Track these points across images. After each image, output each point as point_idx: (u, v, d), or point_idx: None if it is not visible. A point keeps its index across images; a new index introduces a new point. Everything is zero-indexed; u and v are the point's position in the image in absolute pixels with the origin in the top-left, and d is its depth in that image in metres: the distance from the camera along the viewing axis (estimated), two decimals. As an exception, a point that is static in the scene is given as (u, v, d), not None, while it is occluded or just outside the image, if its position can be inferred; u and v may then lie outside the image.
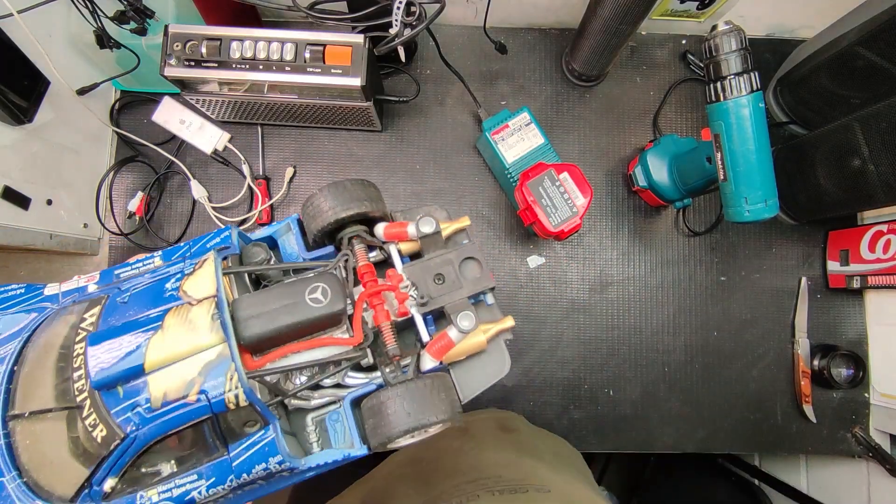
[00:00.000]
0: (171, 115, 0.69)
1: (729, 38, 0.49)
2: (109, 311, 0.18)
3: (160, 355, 0.17)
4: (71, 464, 0.17)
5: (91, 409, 0.16)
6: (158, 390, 0.17)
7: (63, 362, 0.17)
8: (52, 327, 0.18)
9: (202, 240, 0.21)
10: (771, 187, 0.52)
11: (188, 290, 0.18)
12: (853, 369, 0.70)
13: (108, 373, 0.16)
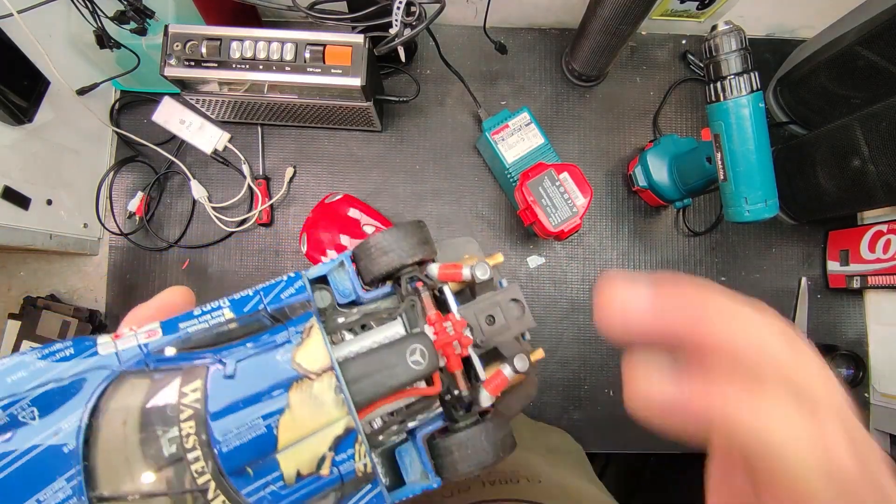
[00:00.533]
0: (171, 115, 0.69)
1: (729, 38, 0.49)
2: (216, 387, 0.17)
3: (291, 435, 0.17)
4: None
5: (218, 492, 0.16)
6: (291, 468, 0.17)
7: (157, 439, 0.16)
8: (126, 397, 0.17)
9: (274, 289, 0.20)
10: (771, 187, 0.52)
11: (302, 362, 0.18)
12: (853, 369, 0.70)
13: (241, 458, 0.16)
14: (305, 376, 0.18)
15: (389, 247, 0.21)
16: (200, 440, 0.16)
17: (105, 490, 0.16)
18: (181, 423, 0.17)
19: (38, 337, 0.67)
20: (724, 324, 0.16)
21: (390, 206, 0.73)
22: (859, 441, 0.16)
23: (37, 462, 0.16)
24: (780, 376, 0.16)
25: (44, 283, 0.71)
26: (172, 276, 0.72)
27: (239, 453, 0.17)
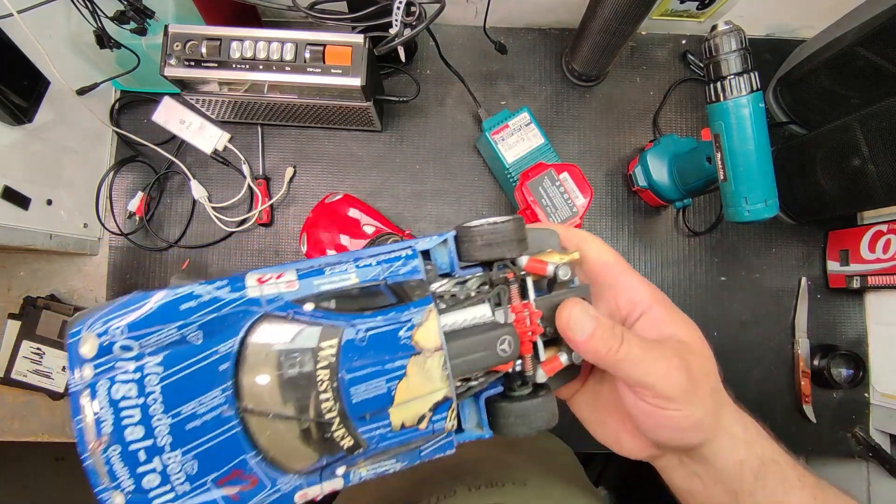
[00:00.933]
0: (171, 115, 0.69)
1: (729, 38, 0.49)
2: (349, 348, 0.22)
3: (404, 396, 0.22)
4: (304, 450, 0.21)
5: (340, 426, 0.21)
6: (398, 420, 0.22)
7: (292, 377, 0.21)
8: (269, 334, 0.21)
9: (394, 264, 0.24)
10: (771, 187, 0.52)
11: (419, 341, 0.22)
12: (853, 369, 0.70)
13: (365, 408, 0.21)
14: (422, 352, 0.22)
15: (495, 241, 0.25)
16: (332, 387, 0.21)
17: (249, 404, 0.21)
18: (318, 370, 0.21)
19: (38, 337, 0.67)
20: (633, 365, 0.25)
21: (390, 206, 0.73)
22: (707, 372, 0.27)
23: (200, 373, 0.20)
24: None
25: (44, 283, 0.71)
26: (172, 277, 0.72)
27: (362, 405, 0.22)
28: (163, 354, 0.20)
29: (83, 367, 0.19)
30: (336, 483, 0.23)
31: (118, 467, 0.19)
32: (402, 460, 0.24)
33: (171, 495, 0.20)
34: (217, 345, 0.21)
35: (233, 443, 0.21)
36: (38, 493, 1.52)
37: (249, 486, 0.21)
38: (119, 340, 0.19)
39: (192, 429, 0.20)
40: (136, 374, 0.19)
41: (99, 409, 0.19)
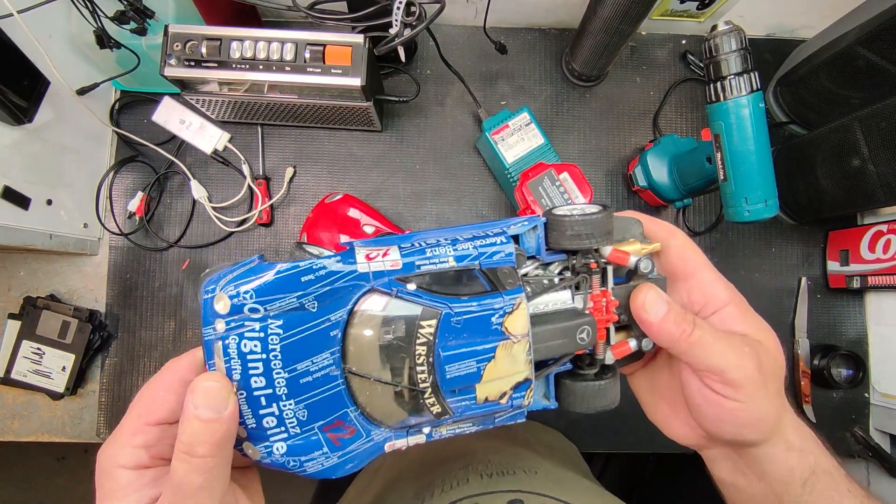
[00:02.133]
0: (171, 115, 0.69)
1: (729, 38, 0.49)
2: (445, 328, 0.24)
3: (491, 377, 0.25)
4: (396, 410, 0.25)
5: (431, 395, 0.24)
6: (482, 395, 0.25)
7: (392, 348, 0.24)
8: (375, 307, 0.24)
9: (488, 249, 0.26)
10: (771, 187, 0.52)
11: (509, 327, 0.25)
12: (853, 369, 0.70)
13: (455, 384, 0.24)
14: (510, 338, 0.25)
15: (584, 232, 0.26)
16: (427, 361, 0.24)
17: (353, 366, 0.24)
18: (416, 346, 0.24)
19: (37, 337, 0.67)
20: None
21: (390, 206, 0.73)
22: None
23: (314, 336, 0.23)
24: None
25: (44, 283, 0.71)
26: (172, 276, 0.72)
27: (454, 381, 0.24)
28: (284, 318, 0.23)
29: (216, 321, 0.22)
30: (419, 439, 0.26)
31: (244, 408, 0.23)
32: (478, 425, 0.27)
33: (285, 435, 0.24)
34: (329, 313, 0.24)
35: (337, 398, 0.24)
36: (38, 492, 1.52)
37: (348, 434, 0.25)
38: (248, 303, 0.22)
39: (305, 383, 0.24)
40: (260, 333, 0.23)
41: (230, 360, 0.23)
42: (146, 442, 0.22)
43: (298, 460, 0.24)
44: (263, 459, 0.24)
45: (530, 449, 0.51)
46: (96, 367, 0.71)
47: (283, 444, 0.24)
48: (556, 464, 0.49)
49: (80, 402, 0.71)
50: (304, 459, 0.24)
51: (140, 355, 0.71)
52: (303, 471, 0.25)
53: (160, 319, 0.72)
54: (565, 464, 0.51)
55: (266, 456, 0.24)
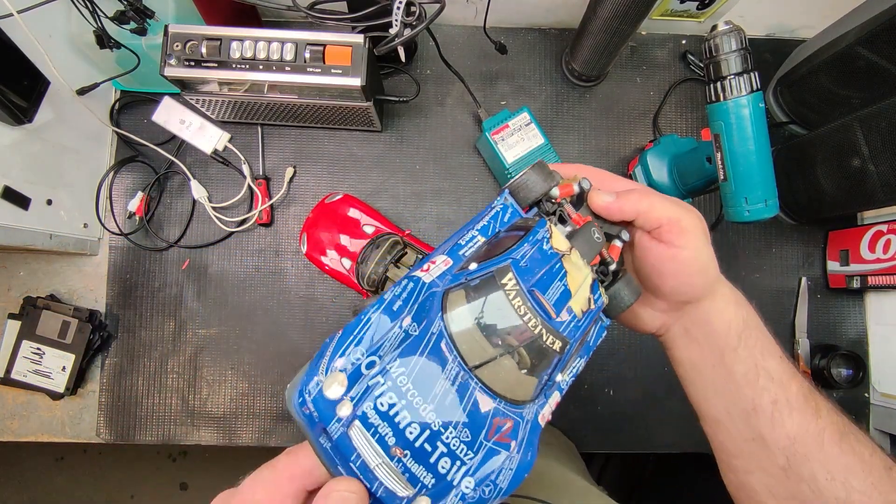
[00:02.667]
0: (171, 115, 0.69)
1: (729, 38, 0.49)
2: (521, 271, 0.26)
3: (573, 287, 0.28)
4: (526, 379, 0.25)
5: (548, 334, 0.25)
6: (578, 308, 0.27)
7: (493, 320, 0.25)
8: (458, 303, 0.25)
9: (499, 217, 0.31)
10: (771, 187, 0.52)
11: (557, 246, 0.29)
12: (853, 369, 0.70)
13: (559, 307, 0.27)
14: (564, 254, 0.28)
15: (534, 183, 0.32)
16: (528, 306, 0.25)
17: (474, 362, 0.24)
18: (511, 301, 0.25)
19: (38, 337, 0.67)
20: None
21: (390, 206, 0.73)
22: None
23: (431, 356, 0.23)
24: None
25: (44, 283, 0.71)
26: (172, 276, 0.72)
27: (557, 305, 0.26)
28: (398, 355, 0.22)
29: (338, 406, 0.21)
30: (556, 397, 0.28)
31: (416, 469, 0.21)
32: (582, 355, 0.30)
33: (465, 468, 0.22)
34: (429, 328, 0.24)
35: (478, 416, 0.23)
36: (38, 493, 1.52)
37: (509, 428, 0.24)
38: (363, 361, 0.22)
39: (449, 403, 0.23)
40: (389, 383, 0.22)
41: (377, 428, 0.21)
42: None
43: (491, 482, 0.23)
44: None
45: None
46: (96, 367, 0.71)
47: (469, 478, 0.22)
48: (550, 462, 0.49)
49: (80, 403, 0.71)
50: (494, 478, 0.23)
51: (140, 355, 0.71)
52: (500, 490, 0.24)
53: (160, 319, 0.72)
54: (561, 461, 0.51)
55: (460, 503, 0.22)
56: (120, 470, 1.53)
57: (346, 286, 0.71)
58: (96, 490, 1.52)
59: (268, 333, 0.72)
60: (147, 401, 0.71)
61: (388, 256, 0.65)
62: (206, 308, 0.72)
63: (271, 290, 0.72)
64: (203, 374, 0.71)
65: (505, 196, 0.32)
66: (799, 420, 0.32)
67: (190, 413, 0.71)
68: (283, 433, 0.71)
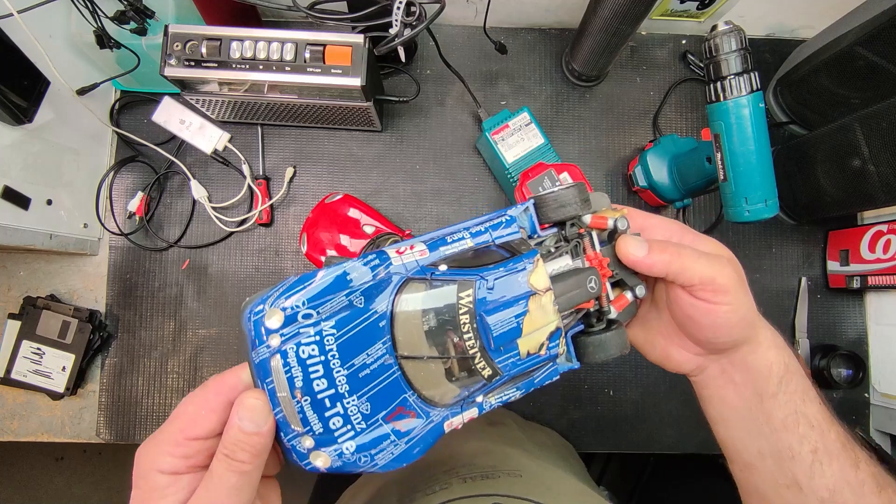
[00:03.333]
0: (171, 115, 0.69)
1: (729, 38, 0.49)
2: (482, 294, 0.27)
3: (529, 329, 0.28)
4: (449, 386, 0.27)
5: (481, 359, 0.27)
6: (524, 349, 0.28)
7: (437, 326, 0.26)
8: (414, 293, 0.26)
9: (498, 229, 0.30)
10: (771, 187, 0.52)
11: (534, 283, 0.28)
12: (853, 369, 0.70)
13: (501, 340, 0.27)
14: (537, 292, 0.28)
15: (566, 202, 0.30)
16: (472, 327, 0.26)
17: (405, 351, 0.26)
18: (460, 316, 0.26)
19: (38, 337, 0.67)
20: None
21: (390, 206, 0.73)
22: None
23: (365, 330, 0.25)
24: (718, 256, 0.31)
25: (44, 283, 0.71)
26: (172, 276, 0.72)
27: (499, 338, 0.27)
28: (335, 318, 0.24)
29: (270, 336, 0.24)
30: (473, 412, 0.29)
31: (310, 415, 0.24)
32: (521, 388, 0.30)
33: (352, 433, 0.25)
34: (376, 306, 0.25)
35: (395, 385, 0.26)
36: (38, 493, 1.52)
37: (410, 419, 0.26)
38: (301, 311, 0.24)
39: (364, 377, 0.25)
40: (316, 337, 0.24)
41: (291, 369, 0.24)
42: (185, 454, 0.24)
43: (369, 454, 0.26)
44: (334, 464, 0.25)
45: (521, 448, 0.51)
46: (96, 367, 0.71)
47: (352, 441, 0.25)
48: (544, 464, 0.49)
49: (80, 402, 0.71)
50: (374, 453, 0.26)
51: (140, 355, 0.71)
52: (375, 465, 0.26)
53: (160, 319, 0.72)
54: (556, 462, 0.51)
55: (337, 458, 0.25)
56: (120, 470, 1.53)
57: (346, 286, 0.71)
58: (96, 490, 1.52)
59: (268, 333, 0.72)
60: (147, 401, 0.71)
61: (388, 256, 0.65)
62: (206, 308, 0.72)
63: (271, 290, 0.72)
64: (203, 374, 0.71)
65: (519, 208, 0.31)
66: (838, 470, 0.31)
67: (190, 413, 0.71)
68: (283, 433, 0.71)
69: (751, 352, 0.32)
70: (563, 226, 0.32)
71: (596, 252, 0.32)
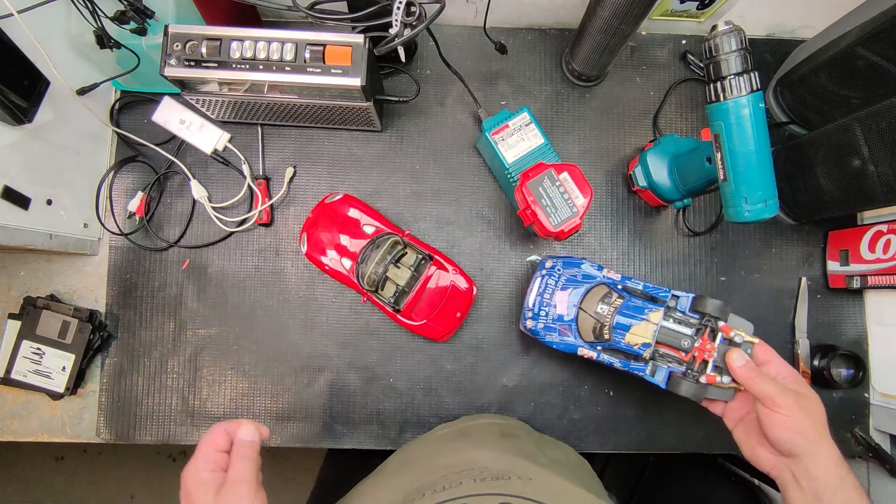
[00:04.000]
0: (171, 115, 0.69)
1: (729, 38, 0.49)
2: (624, 305, 0.55)
3: (633, 332, 0.54)
4: (590, 333, 0.57)
5: (608, 331, 0.56)
6: (627, 339, 0.54)
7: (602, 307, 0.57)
8: (601, 290, 0.58)
9: (660, 291, 0.57)
10: (771, 187, 0.52)
11: (649, 316, 0.54)
12: (853, 369, 0.70)
13: (619, 329, 0.55)
14: (647, 320, 0.54)
15: (713, 314, 0.53)
16: (612, 314, 0.56)
17: (586, 339, 0.59)
18: (611, 307, 0.56)
19: (38, 337, 0.67)
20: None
21: (390, 206, 0.73)
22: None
23: (573, 286, 0.59)
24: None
25: (44, 283, 0.71)
26: (172, 276, 0.72)
27: (618, 326, 0.55)
28: (565, 278, 0.60)
29: (542, 271, 0.61)
30: (592, 353, 0.58)
31: (536, 301, 0.60)
32: (622, 364, 0.57)
33: (544, 323, 0.60)
34: (585, 281, 0.59)
35: (572, 320, 0.58)
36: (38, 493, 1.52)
37: (569, 334, 0.58)
38: (557, 266, 0.61)
39: (557, 303, 0.59)
40: (553, 279, 0.60)
41: (544, 279, 0.61)
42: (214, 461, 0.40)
43: (545, 334, 0.60)
44: (533, 328, 0.60)
45: (532, 460, 0.51)
46: (96, 367, 0.71)
47: (542, 324, 0.60)
48: (555, 474, 0.49)
49: (80, 402, 0.71)
50: (546, 336, 0.60)
51: (140, 355, 0.71)
52: (542, 337, 0.60)
53: (160, 319, 0.72)
54: (568, 476, 0.51)
55: (535, 324, 0.60)
56: (120, 470, 1.53)
57: (346, 286, 0.71)
58: (96, 490, 1.52)
59: (268, 333, 0.72)
60: (147, 401, 0.71)
61: (388, 256, 0.65)
62: (206, 308, 0.72)
63: (271, 290, 0.72)
64: (203, 374, 0.71)
65: (684, 294, 0.56)
66: None
67: (190, 413, 0.71)
68: (282, 433, 0.71)
69: (813, 463, 0.43)
70: (704, 317, 0.54)
71: (707, 338, 0.53)
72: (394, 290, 0.66)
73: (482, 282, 0.73)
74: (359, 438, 0.71)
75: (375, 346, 0.72)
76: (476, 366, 0.72)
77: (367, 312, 0.72)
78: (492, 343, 0.72)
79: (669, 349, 0.54)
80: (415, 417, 0.71)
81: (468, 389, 0.72)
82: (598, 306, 0.56)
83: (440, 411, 0.72)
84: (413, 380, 0.72)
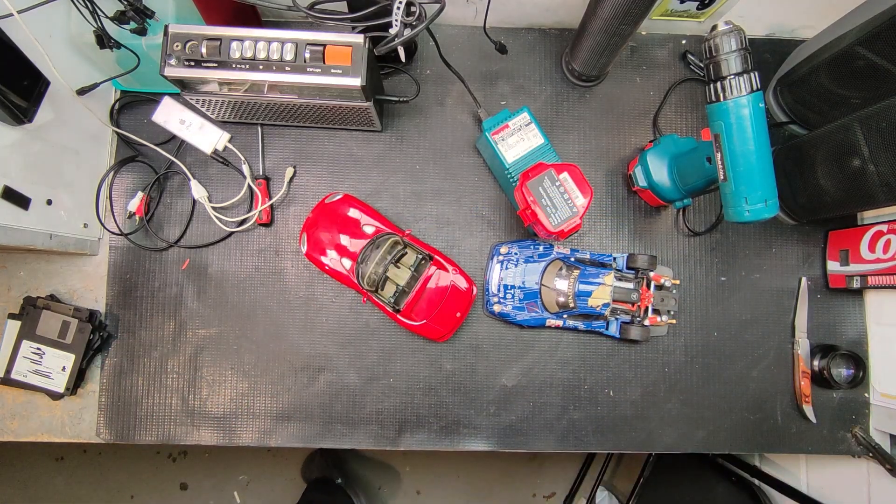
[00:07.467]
0: (171, 115, 0.69)
1: (729, 38, 0.49)
2: (582, 274, 0.65)
3: (595, 296, 0.65)
4: (554, 305, 0.67)
5: (573, 299, 0.65)
6: (590, 303, 0.64)
7: (561, 277, 0.67)
8: (556, 266, 0.68)
9: (603, 258, 0.70)
10: (771, 187, 0.52)
11: (604, 280, 0.65)
12: (853, 369, 0.70)
13: (582, 295, 0.65)
14: (603, 284, 0.65)
15: (642, 264, 0.68)
16: (573, 285, 0.66)
17: (552, 311, 0.69)
18: (571, 279, 0.66)
19: (38, 337, 0.67)
20: None
21: (390, 206, 0.73)
22: None
23: (534, 266, 0.69)
24: None
25: (44, 283, 0.71)
26: (172, 276, 0.72)
27: (581, 293, 0.65)
28: (523, 258, 0.69)
29: (496, 257, 0.71)
30: (558, 322, 0.69)
31: (499, 288, 0.69)
32: (585, 325, 0.69)
33: (511, 305, 0.69)
34: (541, 259, 0.69)
35: (535, 294, 0.68)
36: (38, 493, 1.52)
37: (536, 309, 0.69)
38: (513, 250, 0.70)
39: (522, 284, 0.68)
40: (511, 265, 0.70)
41: (504, 269, 0.70)
42: None
43: (515, 314, 0.68)
44: (501, 311, 0.69)
45: None
46: (96, 367, 0.71)
47: (511, 305, 0.68)
48: None
49: (80, 402, 0.71)
50: (516, 315, 0.68)
51: (140, 355, 0.71)
52: (513, 318, 0.68)
53: (160, 319, 0.72)
54: None
55: (503, 307, 0.69)
56: (120, 470, 1.53)
57: (346, 286, 0.71)
58: (96, 490, 1.52)
59: (268, 333, 0.72)
60: (147, 401, 0.71)
61: (388, 256, 0.65)
62: (206, 308, 0.72)
63: (271, 290, 0.72)
64: (203, 374, 0.71)
65: (620, 256, 0.70)
66: None
67: (190, 413, 0.71)
68: (282, 433, 0.71)
69: None
70: (639, 272, 0.68)
71: (646, 288, 0.67)
72: (394, 290, 0.66)
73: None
74: (358, 438, 0.71)
75: (375, 346, 0.72)
76: (475, 366, 0.72)
77: (367, 312, 0.72)
78: (491, 343, 0.72)
79: (621, 304, 0.66)
80: (414, 417, 0.71)
81: (468, 389, 0.72)
82: (558, 281, 0.66)
83: (440, 411, 0.72)
84: (413, 380, 0.72)
